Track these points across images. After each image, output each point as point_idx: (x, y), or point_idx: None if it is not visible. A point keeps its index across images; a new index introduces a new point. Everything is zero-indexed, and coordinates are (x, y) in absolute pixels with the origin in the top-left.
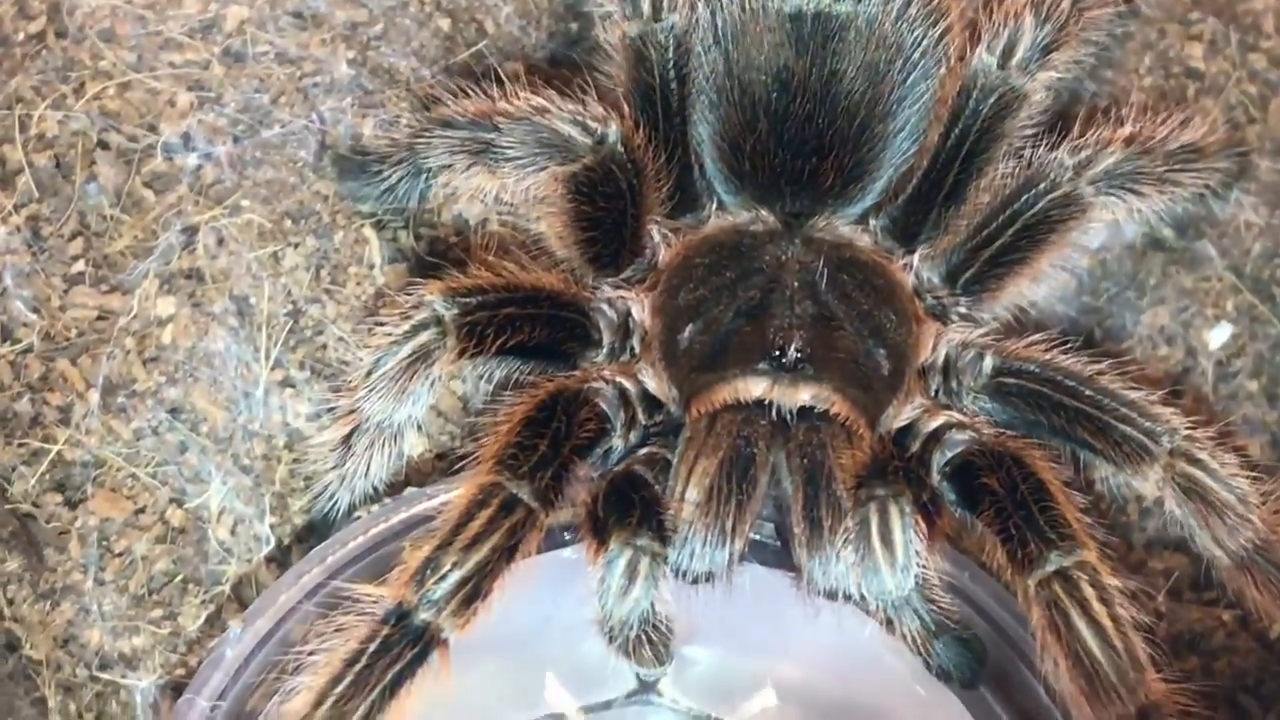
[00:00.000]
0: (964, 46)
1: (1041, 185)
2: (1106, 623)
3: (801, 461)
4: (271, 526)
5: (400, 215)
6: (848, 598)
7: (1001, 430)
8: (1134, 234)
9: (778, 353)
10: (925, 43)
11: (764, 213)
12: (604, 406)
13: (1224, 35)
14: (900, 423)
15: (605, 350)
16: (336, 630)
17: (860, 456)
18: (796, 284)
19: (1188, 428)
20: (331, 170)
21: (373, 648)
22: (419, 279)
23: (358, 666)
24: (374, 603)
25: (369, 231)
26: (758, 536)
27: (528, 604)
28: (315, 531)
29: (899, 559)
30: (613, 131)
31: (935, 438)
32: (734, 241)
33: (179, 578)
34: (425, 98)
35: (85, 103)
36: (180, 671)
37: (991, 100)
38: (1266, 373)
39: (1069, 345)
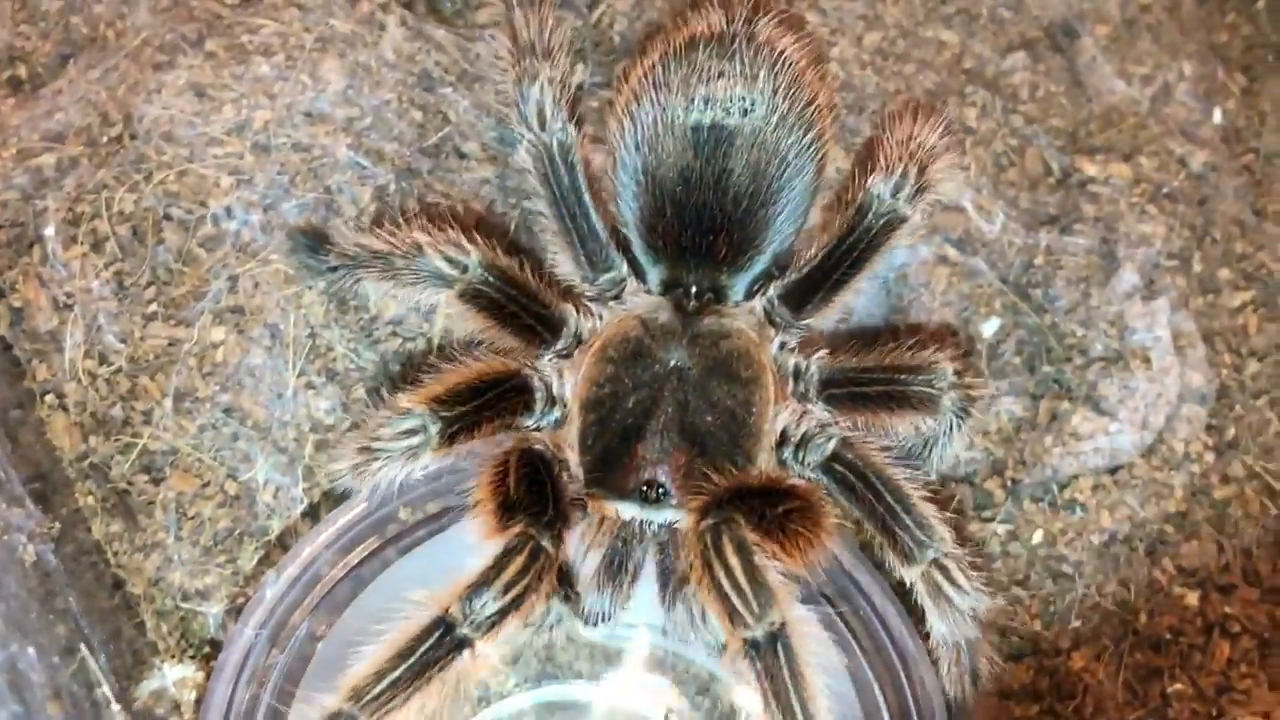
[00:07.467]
0: (852, 172)
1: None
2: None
3: (657, 551)
4: (304, 491)
5: None
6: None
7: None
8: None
9: (645, 488)
10: (798, 146)
11: (666, 301)
12: (555, 465)
13: (990, 102)
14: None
15: (536, 417)
16: (396, 626)
17: None
18: (672, 405)
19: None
20: (285, 244)
21: (424, 647)
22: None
23: (409, 657)
24: (429, 609)
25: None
26: None
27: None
28: (334, 495)
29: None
30: (472, 261)
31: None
32: (636, 338)
33: (237, 532)
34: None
35: (153, 187)
36: (241, 600)
37: (881, 223)
38: (1025, 351)
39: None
